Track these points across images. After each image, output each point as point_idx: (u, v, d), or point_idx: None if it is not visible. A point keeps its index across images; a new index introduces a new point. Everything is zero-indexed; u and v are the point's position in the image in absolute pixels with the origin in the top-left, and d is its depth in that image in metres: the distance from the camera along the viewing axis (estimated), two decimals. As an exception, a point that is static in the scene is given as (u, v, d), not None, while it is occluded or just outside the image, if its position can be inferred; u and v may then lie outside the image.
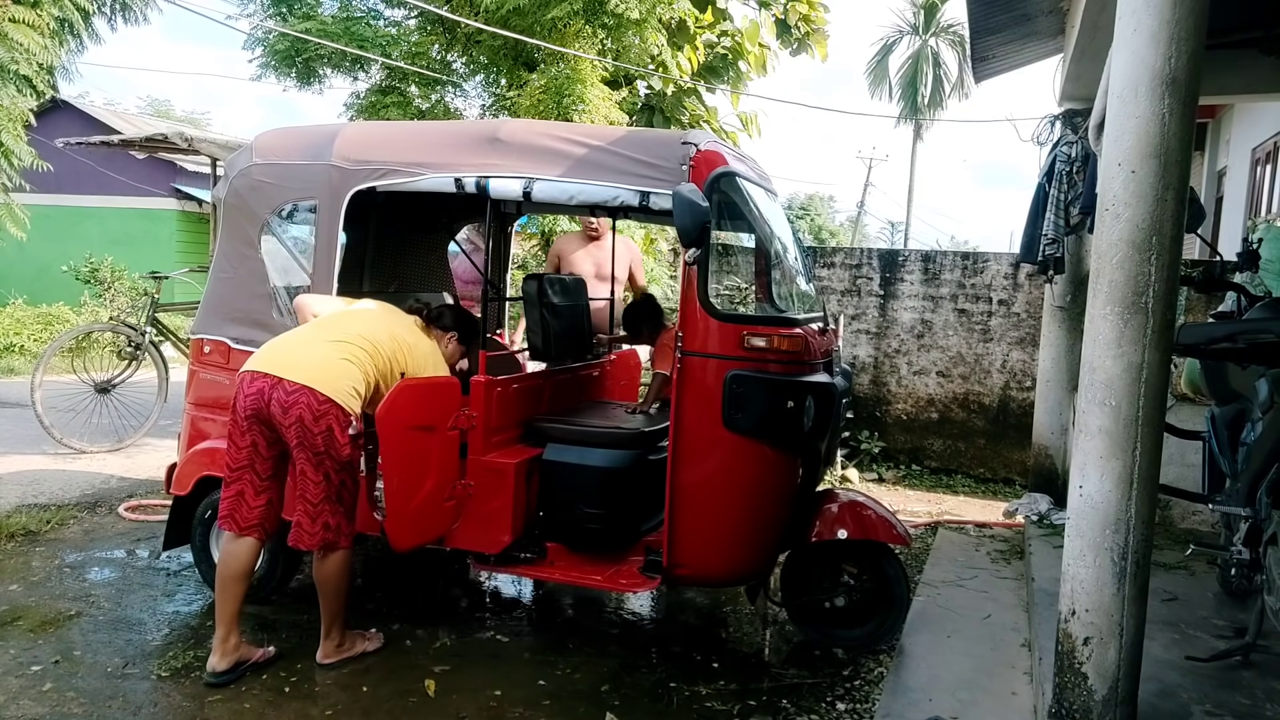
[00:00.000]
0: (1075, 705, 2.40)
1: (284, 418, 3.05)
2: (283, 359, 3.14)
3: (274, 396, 3.05)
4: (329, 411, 3.06)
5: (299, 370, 3.09)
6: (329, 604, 3.25)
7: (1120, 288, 2.32)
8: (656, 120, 10.41)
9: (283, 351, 3.18)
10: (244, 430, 3.12)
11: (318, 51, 9.17)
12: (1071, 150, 5.19)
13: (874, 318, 7.26)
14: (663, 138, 3.56)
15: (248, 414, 3.10)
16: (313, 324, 3.34)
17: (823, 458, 3.56)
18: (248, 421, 3.11)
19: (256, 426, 3.11)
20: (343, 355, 3.16)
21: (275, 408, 3.05)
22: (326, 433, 3.06)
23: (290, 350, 3.18)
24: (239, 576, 3.16)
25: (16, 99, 8.36)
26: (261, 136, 4.00)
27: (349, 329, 3.26)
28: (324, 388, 3.07)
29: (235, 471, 3.16)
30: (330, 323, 3.32)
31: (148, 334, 6.65)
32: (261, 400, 3.07)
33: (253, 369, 3.13)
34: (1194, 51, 2.27)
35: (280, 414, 3.05)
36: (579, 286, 4.36)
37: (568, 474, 3.54)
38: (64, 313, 12.78)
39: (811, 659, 3.56)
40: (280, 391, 3.05)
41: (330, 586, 3.23)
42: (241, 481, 3.16)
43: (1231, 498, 3.21)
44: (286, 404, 3.04)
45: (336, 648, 3.29)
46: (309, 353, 3.16)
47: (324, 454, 3.08)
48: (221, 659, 3.14)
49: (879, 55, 35.54)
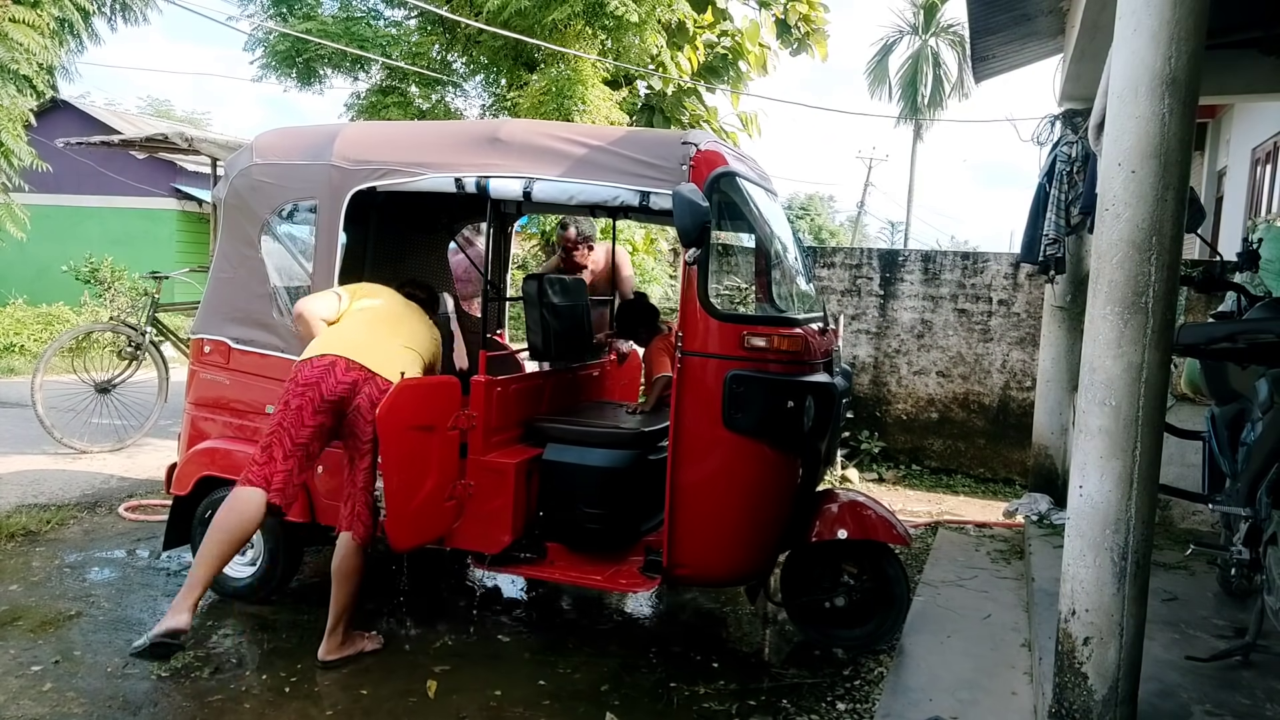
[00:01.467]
0: (1075, 705, 2.40)
1: (370, 412, 3.19)
2: (374, 357, 3.30)
3: (365, 390, 3.23)
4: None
5: (389, 369, 3.28)
6: (341, 598, 3.28)
7: (1120, 288, 2.32)
8: (656, 120, 10.42)
9: (371, 346, 3.33)
10: (317, 410, 3.21)
11: (318, 52, 9.18)
12: (1071, 150, 5.19)
13: (874, 318, 7.26)
14: (663, 138, 3.56)
15: (332, 398, 3.21)
16: (374, 322, 3.46)
17: (823, 458, 3.56)
18: (327, 404, 3.21)
19: (331, 411, 3.23)
20: (412, 364, 3.38)
21: (364, 400, 3.22)
22: None
23: (377, 347, 3.34)
24: (243, 539, 3.19)
25: (16, 99, 8.36)
26: (261, 136, 4.00)
27: (409, 334, 3.48)
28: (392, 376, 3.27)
29: (297, 446, 3.21)
30: (394, 323, 3.50)
31: (148, 334, 6.65)
32: (353, 390, 3.22)
33: (348, 357, 3.24)
34: (1194, 51, 2.27)
35: (368, 408, 3.20)
36: (579, 286, 4.36)
37: (568, 474, 3.54)
38: (64, 313, 12.78)
39: (811, 659, 3.56)
40: (373, 387, 3.23)
41: (348, 580, 3.28)
42: (297, 458, 3.22)
43: (1231, 498, 3.21)
44: (376, 399, 3.18)
45: (339, 646, 3.30)
46: (392, 354, 3.34)
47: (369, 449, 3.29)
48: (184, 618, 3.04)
49: (879, 55, 35.53)
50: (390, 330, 3.45)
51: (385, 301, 3.58)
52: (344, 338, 3.34)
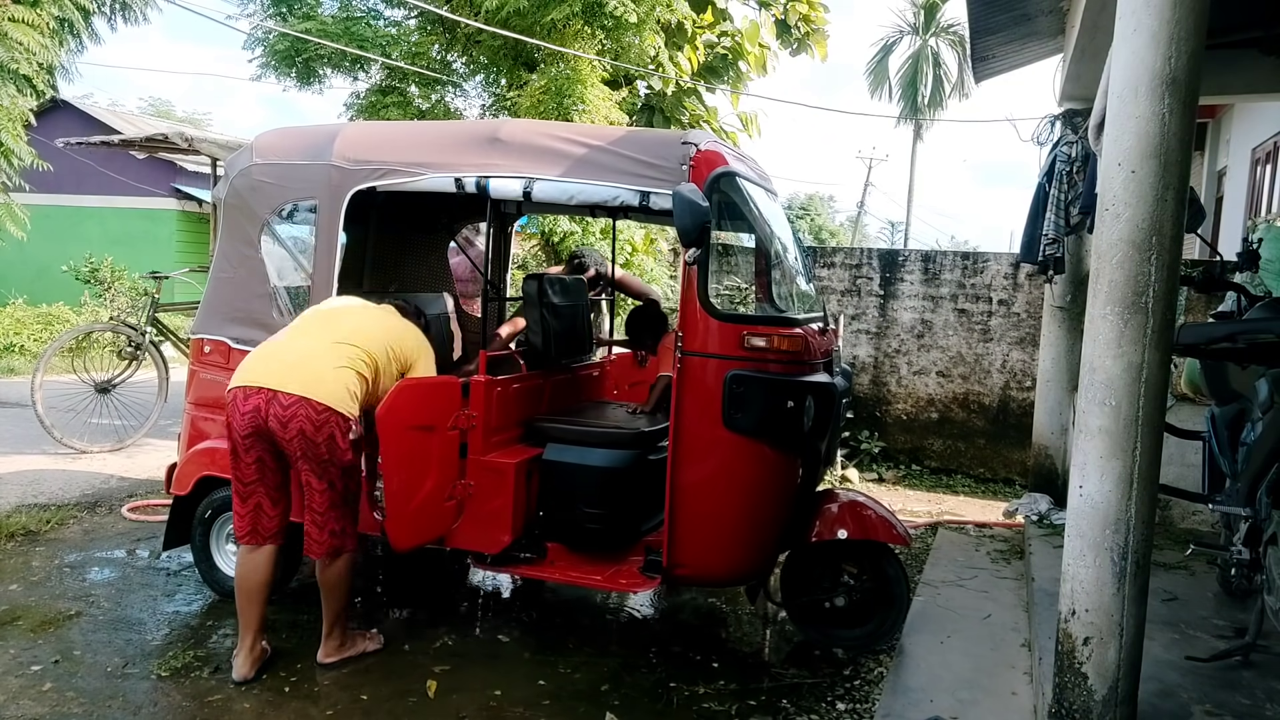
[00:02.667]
0: (1075, 705, 2.40)
1: (284, 432, 2.98)
2: (275, 370, 3.04)
3: (271, 411, 2.97)
4: (329, 420, 3.01)
5: (293, 380, 3.00)
6: (332, 605, 3.25)
7: (1120, 288, 2.32)
8: (656, 120, 10.42)
9: (273, 362, 3.09)
10: (246, 448, 3.05)
11: (318, 51, 9.18)
12: (1071, 150, 5.19)
13: (874, 318, 7.26)
14: (663, 138, 3.56)
15: (246, 432, 3.02)
16: (297, 328, 3.25)
17: (823, 458, 3.56)
18: (249, 439, 3.03)
19: (259, 443, 3.04)
20: (336, 359, 3.08)
21: (274, 423, 2.98)
22: (329, 441, 3.01)
23: (280, 359, 3.09)
24: (264, 584, 3.16)
25: (16, 99, 8.36)
26: (261, 136, 4.00)
27: (338, 330, 3.18)
28: (321, 396, 3.00)
29: (248, 486, 3.10)
30: (317, 324, 3.24)
31: (148, 334, 6.65)
32: (259, 417, 2.99)
33: (245, 384, 3.04)
34: (1194, 51, 2.27)
35: (280, 428, 2.98)
36: (579, 286, 4.36)
37: (568, 474, 3.54)
38: (64, 313, 12.78)
39: (811, 659, 3.56)
40: (276, 405, 2.97)
41: (334, 589, 3.22)
42: (256, 495, 3.12)
43: (1231, 498, 3.21)
44: (285, 418, 2.97)
45: (338, 647, 3.29)
46: (301, 361, 3.07)
47: (328, 462, 3.04)
48: (251, 667, 3.13)
49: (879, 55, 35.51)
50: (313, 331, 3.19)
51: (327, 307, 3.37)
52: (249, 361, 3.15)
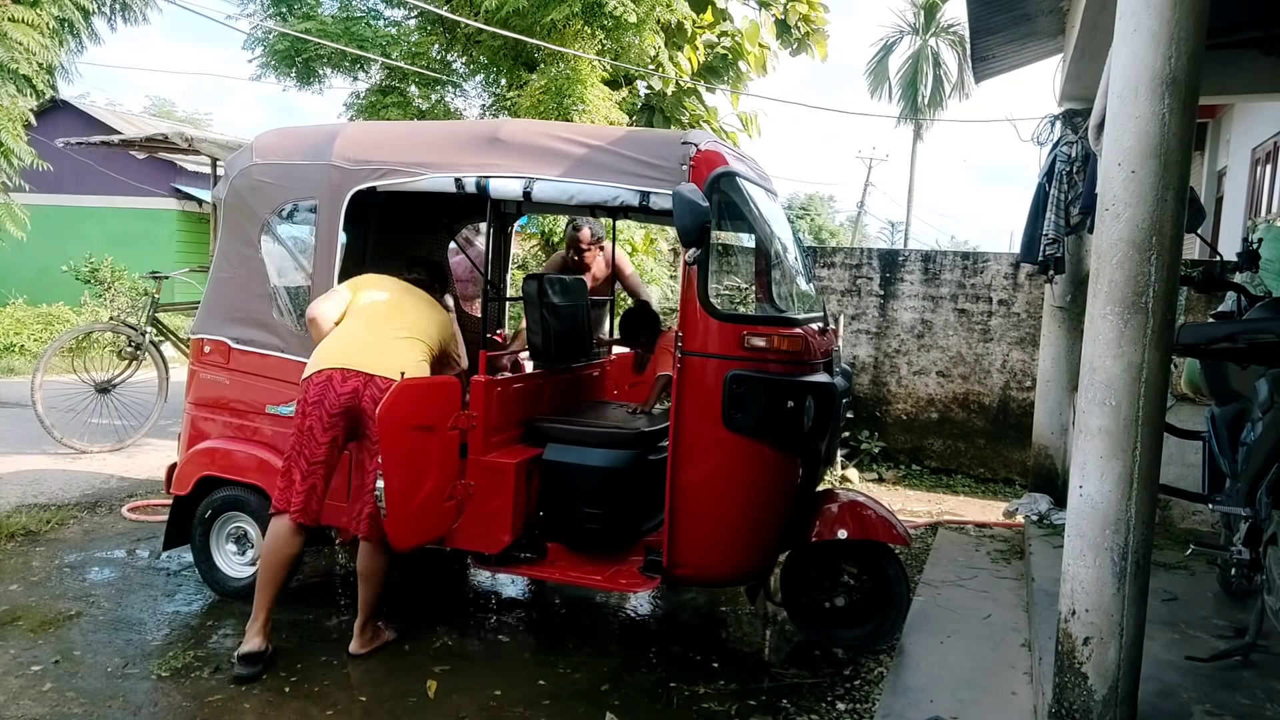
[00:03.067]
0: (1075, 705, 2.40)
1: (363, 414, 3.21)
2: (368, 357, 3.28)
3: (368, 393, 3.22)
4: None
5: (387, 367, 3.25)
6: (370, 591, 3.35)
7: (1120, 288, 2.32)
8: (656, 120, 10.42)
9: (364, 347, 3.31)
10: (328, 426, 3.23)
11: (318, 51, 9.18)
12: (1071, 150, 5.19)
13: (874, 318, 7.26)
14: (663, 138, 3.56)
15: (338, 410, 3.22)
16: (371, 318, 3.42)
17: (823, 458, 3.56)
18: (335, 418, 3.23)
19: (343, 423, 3.25)
20: (414, 352, 3.36)
21: (368, 403, 3.21)
22: None
23: (370, 347, 3.32)
24: (290, 560, 3.28)
25: (16, 99, 8.36)
26: (262, 137, 4.00)
27: (407, 324, 3.43)
28: None
29: (313, 465, 3.25)
30: (392, 313, 3.45)
31: (148, 334, 6.65)
32: (355, 398, 3.23)
33: (341, 366, 3.25)
34: (1194, 51, 2.27)
35: (373, 408, 3.15)
36: (579, 286, 4.36)
37: (568, 474, 3.54)
38: (64, 313, 12.78)
39: (811, 659, 3.56)
40: (374, 388, 3.22)
41: (377, 574, 3.34)
42: (316, 476, 3.26)
43: (1231, 498, 3.21)
44: (379, 399, 3.14)
45: (370, 640, 3.39)
46: (388, 350, 3.32)
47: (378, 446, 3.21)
48: (260, 640, 3.20)
49: (879, 55, 35.51)
50: (388, 323, 3.42)
51: (385, 293, 3.55)
52: (339, 345, 3.33)
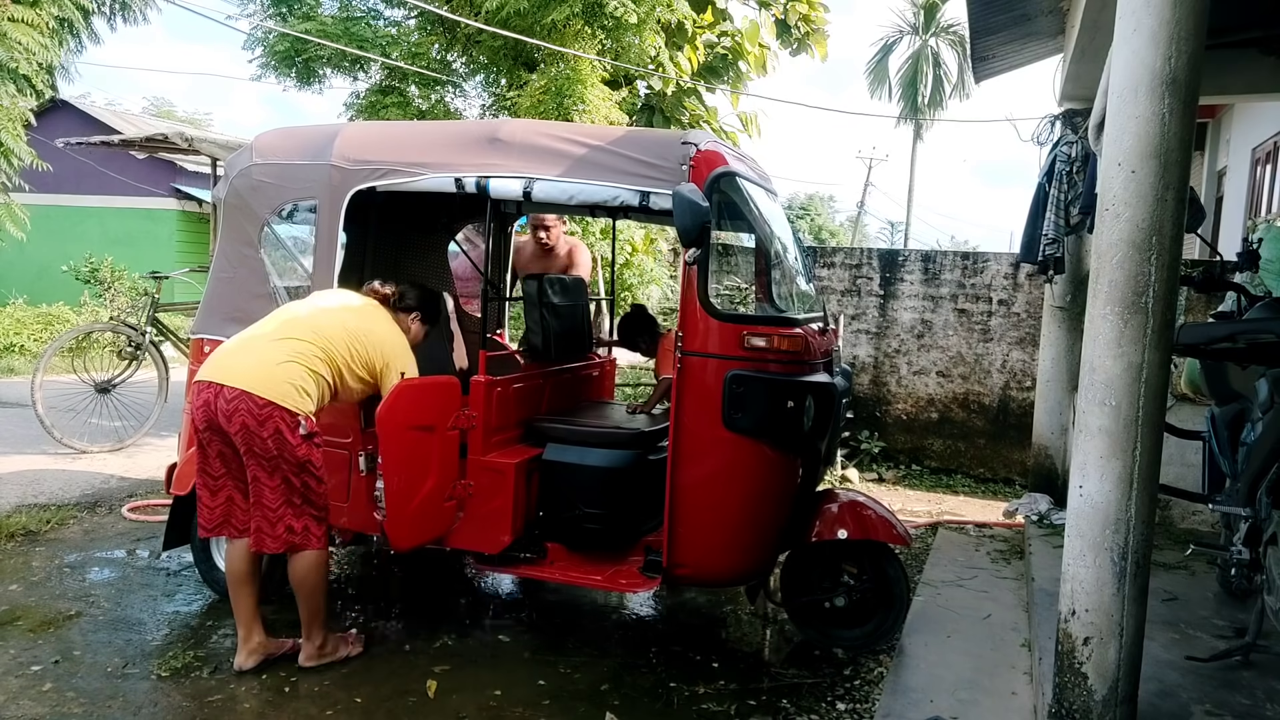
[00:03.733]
0: (1075, 705, 2.40)
1: (229, 425, 2.99)
2: (224, 365, 3.08)
3: (218, 406, 2.99)
4: (272, 414, 2.98)
5: (237, 375, 3.02)
6: (304, 605, 3.19)
7: (1120, 288, 2.32)
8: (656, 120, 10.42)
9: (224, 357, 3.13)
10: (206, 441, 3.08)
11: (318, 52, 9.18)
12: (1071, 150, 5.19)
13: (874, 318, 7.26)
14: (663, 138, 3.56)
15: (202, 425, 3.05)
16: (256, 325, 3.26)
17: (823, 458, 3.56)
18: (207, 433, 3.06)
19: (215, 436, 3.06)
20: (285, 355, 3.07)
21: (220, 417, 2.99)
22: (275, 435, 2.98)
23: (231, 355, 3.13)
24: (246, 577, 3.17)
25: (16, 99, 8.36)
26: (261, 137, 4.00)
27: (294, 326, 3.18)
28: (262, 390, 2.99)
29: (217, 480, 3.13)
30: (274, 322, 3.24)
31: (148, 334, 6.65)
32: (210, 410, 3.01)
33: (199, 378, 3.10)
34: (1194, 51, 2.26)
35: (225, 422, 2.99)
36: (579, 286, 4.36)
37: (568, 474, 3.54)
38: (64, 313, 12.77)
39: (811, 659, 3.56)
40: (221, 400, 2.99)
41: (304, 588, 3.16)
42: (226, 488, 3.13)
43: (1231, 498, 3.21)
44: (229, 411, 2.98)
45: (318, 649, 3.24)
46: (248, 356, 3.09)
47: (277, 458, 3.01)
48: (248, 657, 3.18)
49: (879, 55, 35.53)
50: (267, 333, 3.18)
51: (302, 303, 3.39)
52: (208, 359, 3.20)
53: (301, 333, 3.14)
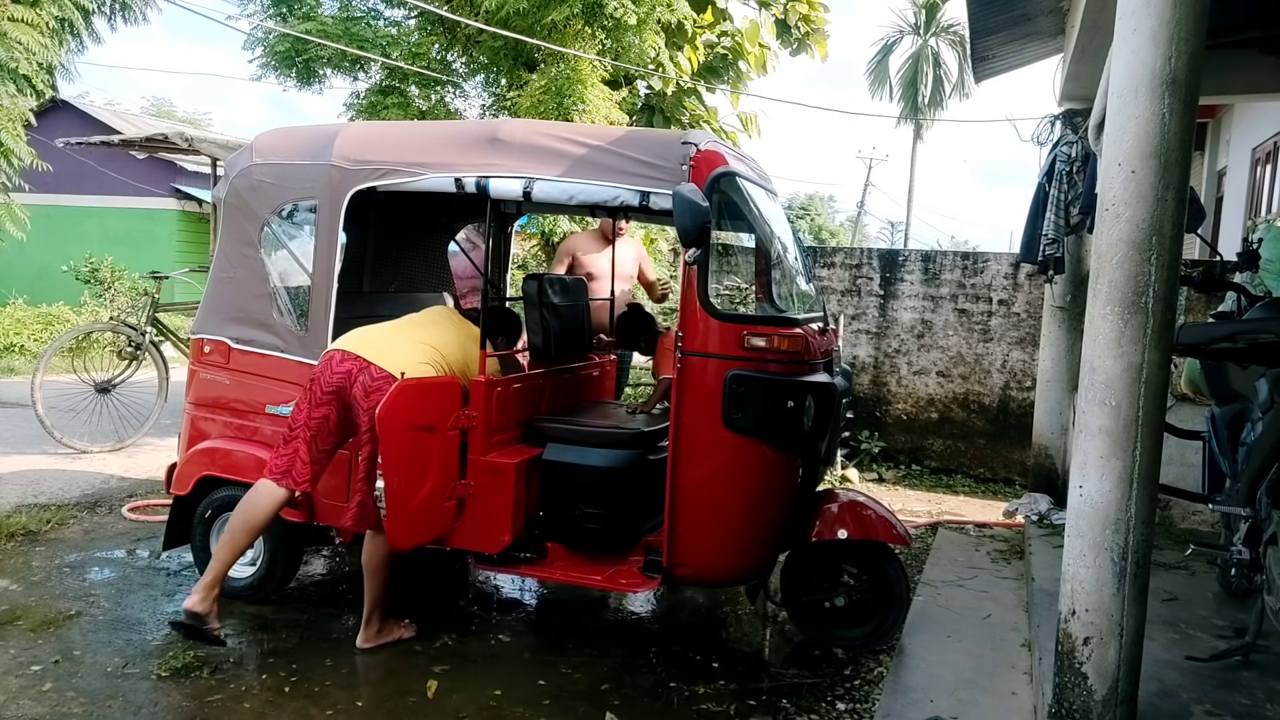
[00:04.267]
0: (1075, 705, 2.40)
1: (365, 400, 3.22)
2: (375, 346, 3.33)
3: (360, 379, 3.24)
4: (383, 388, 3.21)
5: (388, 360, 3.27)
6: (373, 588, 3.39)
7: (1120, 288, 2.32)
8: (656, 120, 10.42)
9: (375, 340, 3.38)
10: (321, 402, 3.29)
11: (318, 52, 9.18)
12: (1071, 150, 5.19)
13: (874, 318, 7.26)
14: (663, 138, 3.56)
15: (330, 389, 3.27)
16: (397, 321, 3.55)
17: (823, 458, 3.56)
18: (328, 395, 3.28)
19: (334, 402, 3.29)
20: (423, 357, 3.37)
21: (359, 389, 3.24)
22: None
23: (381, 341, 3.38)
24: (257, 527, 3.32)
25: (16, 99, 8.36)
26: (261, 137, 4.00)
27: (426, 333, 3.49)
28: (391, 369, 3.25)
29: (296, 430, 3.31)
30: (411, 324, 3.56)
31: (148, 334, 6.65)
32: (348, 380, 3.25)
33: (344, 349, 3.32)
34: (1194, 51, 2.27)
35: (362, 396, 3.23)
36: (579, 286, 4.36)
37: (568, 474, 3.54)
38: (64, 313, 12.78)
39: (811, 659, 3.56)
40: (367, 376, 3.24)
41: (377, 571, 3.36)
42: (298, 441, 3.31)
43: (1231, 498, 3.21)
44: (370, 388, 3.21)
45: (376, 633, 3.42)
46: (397, 347, 3.35)
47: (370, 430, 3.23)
48: (200, 602, 3.26)
49: (879, 55, 35.55)
50: (407, 328, 3.51)
51: (423, 314, 3.72)
52: (355, 334, 3.43)
53: (434, 339, 3.48)
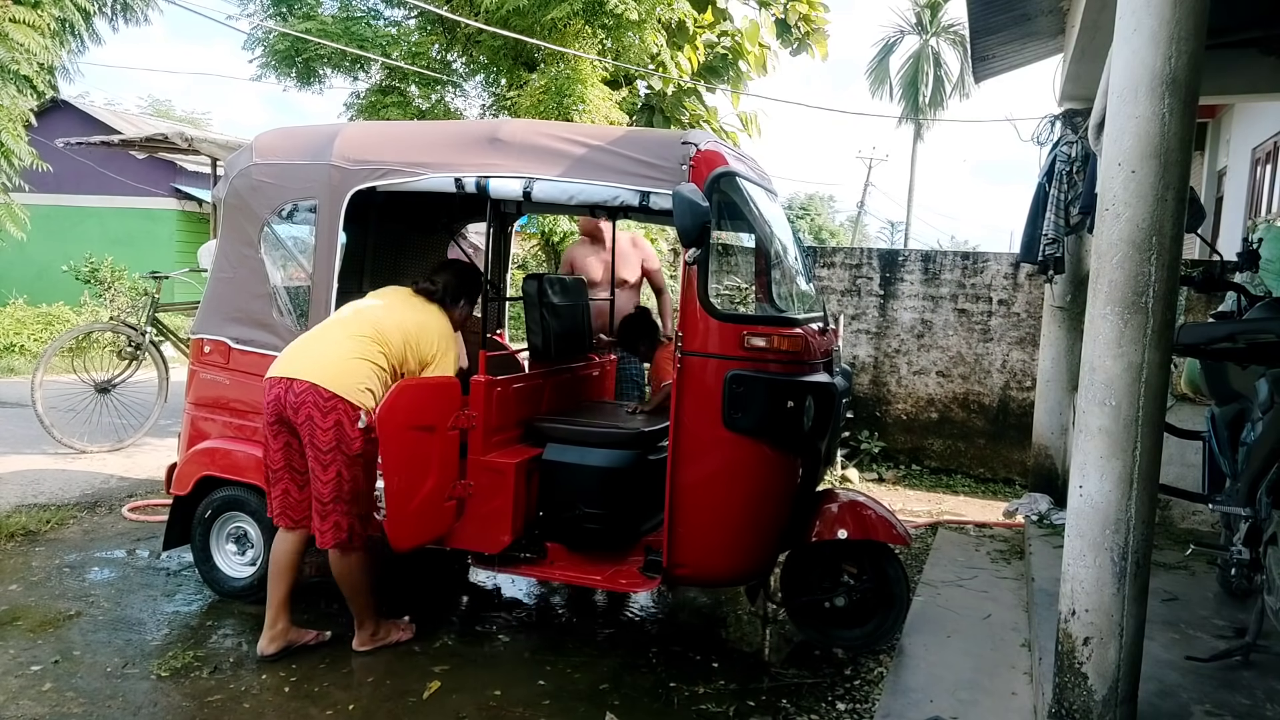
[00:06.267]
0: (1075, 705, 2.40)
1: (295, 417, 3.17)
2: (294, 361, 3.27)
3: (287, 400, 3.18)
4: (336, 407, 3.15)
5: (306, 369, 3.20)
6: (352, 600, 3.38)
7: (1120, 288, 2.32)
8: (656, 120, 10.42)
9: (295, 353, 3.32)
10: (274, 434, 3.27)
11: (318, 51, 9.19)
12: (1071, 150, 5.19)
13: (874, 318, 7.26)
14: (663, 138, 3.56)
15: (272, 419, 3.25)
16: (324, 323, 3.46)
17: (823, 458, 3.56)
18: (274, 426, 3.25)
19: (282, 429, 3.25)
20: (352, 352, 3.25)
21: (288, 410, 3.19)
22: (336, 428, 3.15)
23: (301, 351, 3.31)
24: (291, 567, 3.33)
25: (16, 99, 8.36)
26: (261, 137, 4.00)
27: (358, 324, 3.35)
28: (329, 384, 3.17)
29: (275, 472, 3.30)
30: (340, 320, 3.43)
31: (148, 334, 6.65)
32: (280, 404, 3.20)
33: (271, 374, 3.28)
34: (1194, 51, 2.26)
35: (293, 414, 3.18)
36: (579, 286, 4.36)
37: (568, 474, 3.54)
38: (64, 313, 12.78)
39: (811, 659, 3.56)
40: (291, 393, 3.18)
41: (348, 585, 3.33)
42: (284, 480, 3.30)
43: (1231, 498, 3.21)
44: (295, 404, 3.16)
45: (371, 636, 3.41)
46: (317, 352, 3.27)
47: (335, 449, 3.16)
48: (270, 643, 3.30)
49: (880, 55, 35.55)
50: (333, 328, 3.36)
51: (370, 299, 3.55)
52: (283, 352, 3.37)
53: (368, 330, 3.32)
